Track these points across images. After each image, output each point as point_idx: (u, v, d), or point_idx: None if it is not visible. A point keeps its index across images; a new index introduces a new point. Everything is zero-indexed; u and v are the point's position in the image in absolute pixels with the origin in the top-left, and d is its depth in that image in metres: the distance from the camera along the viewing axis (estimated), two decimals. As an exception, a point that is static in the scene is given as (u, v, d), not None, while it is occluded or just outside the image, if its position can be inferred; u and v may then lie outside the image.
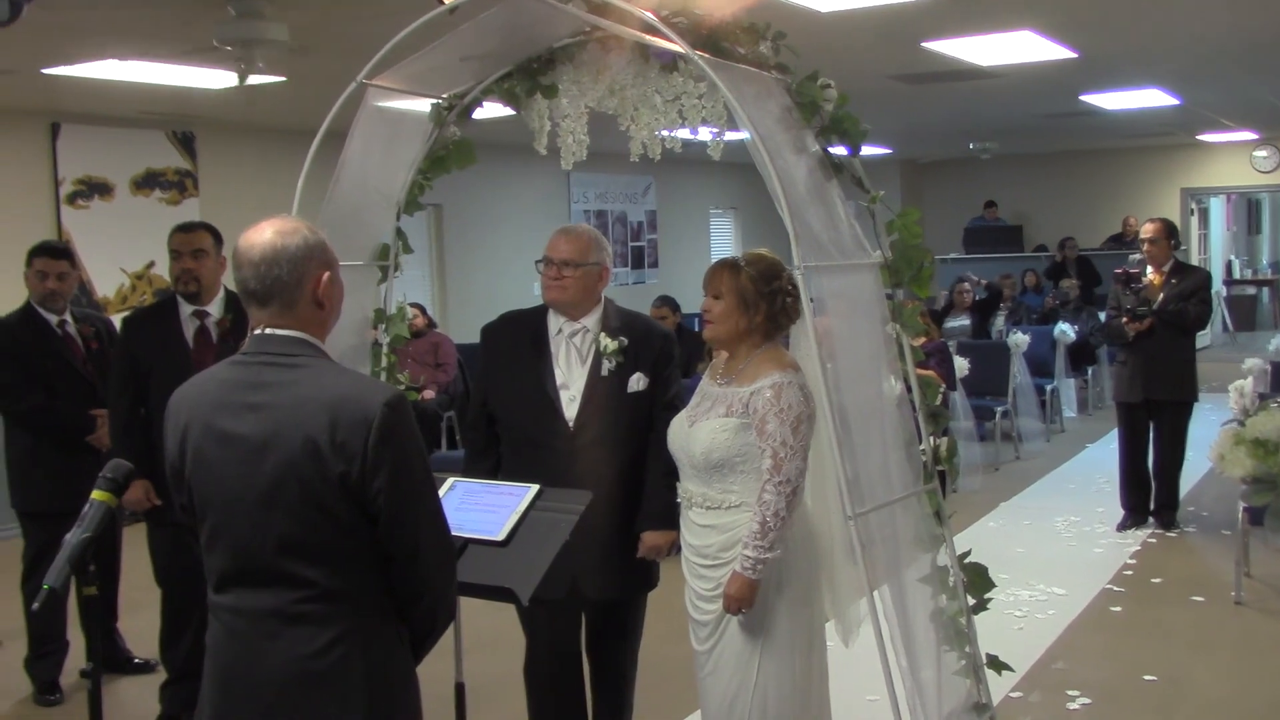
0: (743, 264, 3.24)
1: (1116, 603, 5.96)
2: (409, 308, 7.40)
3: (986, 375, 9.36)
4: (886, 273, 3.16)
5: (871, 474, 3.00)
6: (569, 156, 3.48)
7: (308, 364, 2.27)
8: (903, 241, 3.14)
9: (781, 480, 3.05)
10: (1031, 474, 9.03)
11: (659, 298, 8.93)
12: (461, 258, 12.29)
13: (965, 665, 3.26)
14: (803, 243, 2.82)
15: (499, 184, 12.38)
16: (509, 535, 2.81)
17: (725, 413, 3.16)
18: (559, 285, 3.60)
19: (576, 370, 3.63)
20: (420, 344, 9.34)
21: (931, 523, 3.22)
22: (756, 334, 3.23)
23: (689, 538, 3.26)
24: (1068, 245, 14.97)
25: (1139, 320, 6.98)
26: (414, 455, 2.24)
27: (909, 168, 17.31)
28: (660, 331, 3.77)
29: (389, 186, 3.72)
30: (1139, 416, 7.20)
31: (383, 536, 2.22)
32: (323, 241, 2.33)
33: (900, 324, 3.20)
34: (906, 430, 3.18)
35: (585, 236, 3.65)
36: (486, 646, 4.92)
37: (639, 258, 14.77)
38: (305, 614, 2.22)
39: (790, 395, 3.09)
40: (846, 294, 3.09)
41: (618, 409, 3.59)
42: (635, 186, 14.55)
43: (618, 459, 3.59)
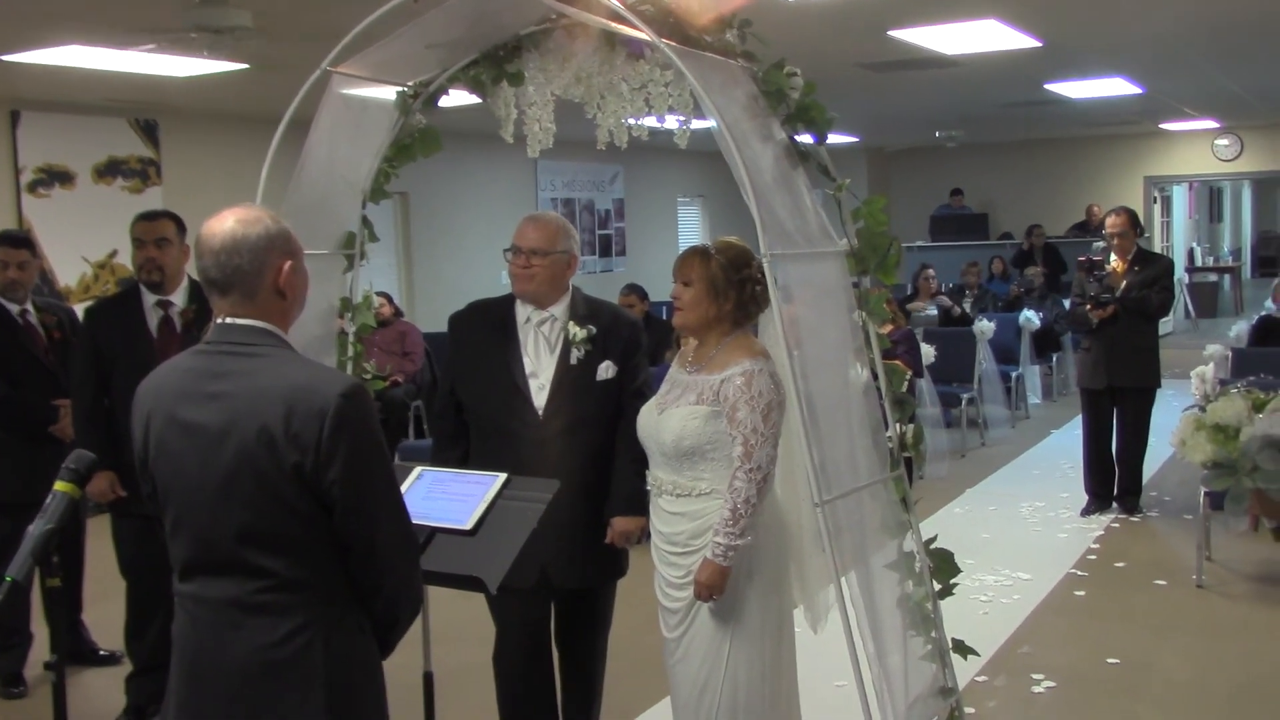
0: (713, 251, 3.25)
1: (1080, 587, 6.02)
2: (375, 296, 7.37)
3: (952, 363, 9.41)
4: (852, 260, 3.17)
5: (838, 461, 3.01)
6: (535, 144, 3.46)
7: (268, 354, 2.26)
8: (868, 229, 3.15)
9: (752, 467, 3.06)
10: (997, 460, 9.10)
11: (627, 286, 8.93)
12: (428, 246, 12.24)
13: (931, 650, 3.28)
14: (769, 230, 2.83)
15: (466, 172, 12.33)
16: (477, 524, 2.80)
17: (695, 400, 3.16)
18: (527, 274, 3.59)
19: (545, 359, 3.62)
20: (387, 333, 9.30)
21: (898, 509, 3.24)
22: (726, 321, 3.24)
23: (659, 525, 3.27)
24: (1035, 232, 15.07)
25: (1102, 307, 7.04)
26: (370, 446, 2.23)
27: (876, 156, 17.37)
28: (628, 319, 3.77)
29: (354, 174, 3.70)
30: (1102, 403, 7.27)
31: (339, 527, 2.22)
32: (285, 231, 2.32)
33: (866, 311, 3.20)
34: (873, 417, 3.19)
35: (553, 224, 3.64)
36: (455, 636, 4.92)
37: (606, 246, 14.76)
38: (266, 604, 2.22)
39: (761, 382, 3.10)
40: (813, 282, 3.09)
41: (586, 397, 3.59)
42: (603, 175, 14.54)
43: (587, 447, 3.59)
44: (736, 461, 3.08)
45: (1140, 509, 7.36)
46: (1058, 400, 11.70)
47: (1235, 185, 22.96)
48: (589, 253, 14.21)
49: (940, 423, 9.00)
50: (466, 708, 4.49)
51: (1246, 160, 16.18)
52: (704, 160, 15.27)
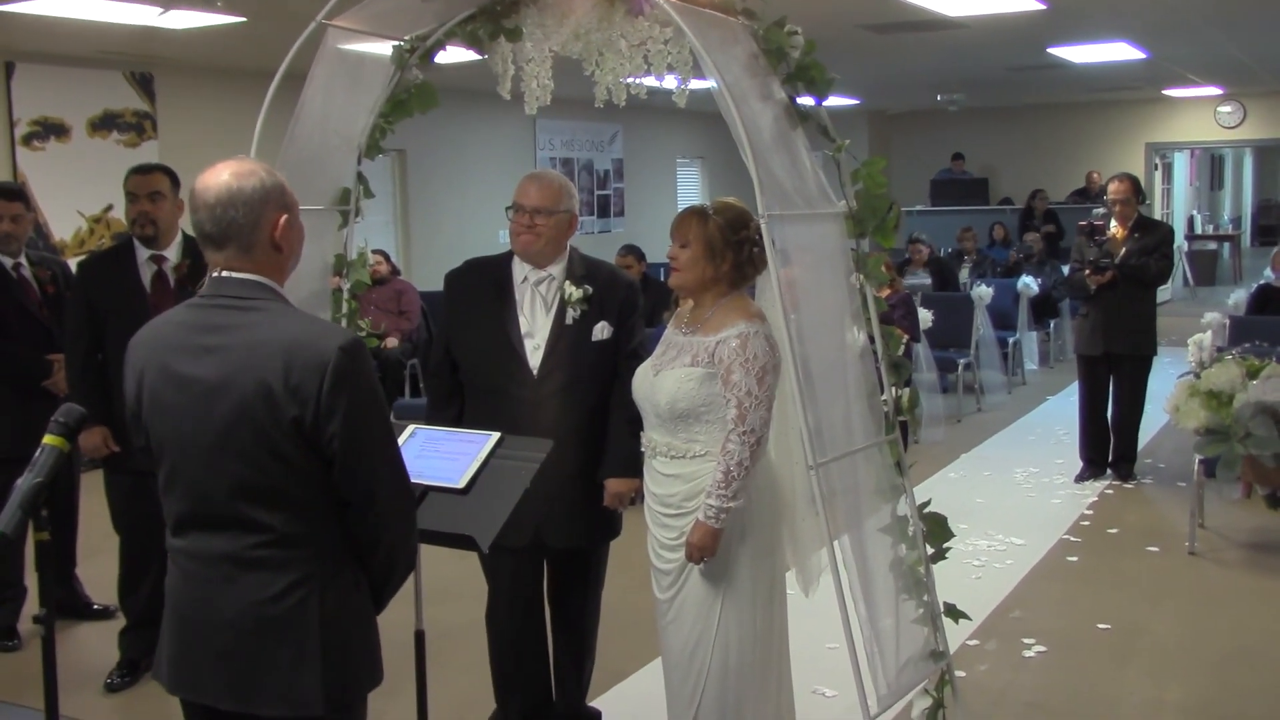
0: (711, 212, 3.22)
1: (1073, 553, 6.04)
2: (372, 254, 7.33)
3: (950, 328, 9.41)
4: (851, 222, 3.16)
5: (834, 424, 3.01)
6: (533, 101, 3.44)
7: (264, 307, 2.25)
8: (867, 191, 3.13)
9: (746, 430, 3.06)
10: (992, 425, 9.11)
11: (624, 246, 8.90)
12: (426, 204, 12.20)
13: (923, 614, 3.30)
14: (767, 191, 2.81)
15: (464, 130, 12.27)
16: (469, 483, 2.80)
17: (690, 362, 3.15)
18: (531, 233, 3.56)
19: (541, 318, 3.61)
20: (384, 291, 9.28)
21: (892, 473, 3.24)
22: (723, 283, 3.22)
23: (653, 487, 3.27)
24: (1039, 196, 15.03)
25: (1101, 272, 7.02)
26: (369, 401, 2.22)
27: (877, 119, 17.29)
28: (625, 280, 3.76)
29: (349, 130, 3.67)
30: (1099, 370, 7.27)
31: (338, 482, 2.21)
32: (280, 184, 2.30)
33: (864, 275, 3.19)
34: (869, 381, 3.19)
35: (556, 183, 3.61)
36: (448, 595, 4.93)
37: (605, 206, 14.71)
38: (261, 559, 2.22)
39: (756, 345, 3.09)
40: (811, 244, 3.08)
41: (582, 357, 3.58)
42: (602, 134, 14.46)
43: (582, 407, 3.58)
44: (730, 424, 3.07)
45: (1134, 476, 7.38)
46: (1055, 367, 11.70)
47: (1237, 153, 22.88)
48: (587, 213, 14.17)
49: (937, 388, 9.01)
50: (459, 666, 4.51)
51: (1249, 128, 16.12)
52: (704, 121, 15.19)
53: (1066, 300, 11.09)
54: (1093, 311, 7.17)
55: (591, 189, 14.41)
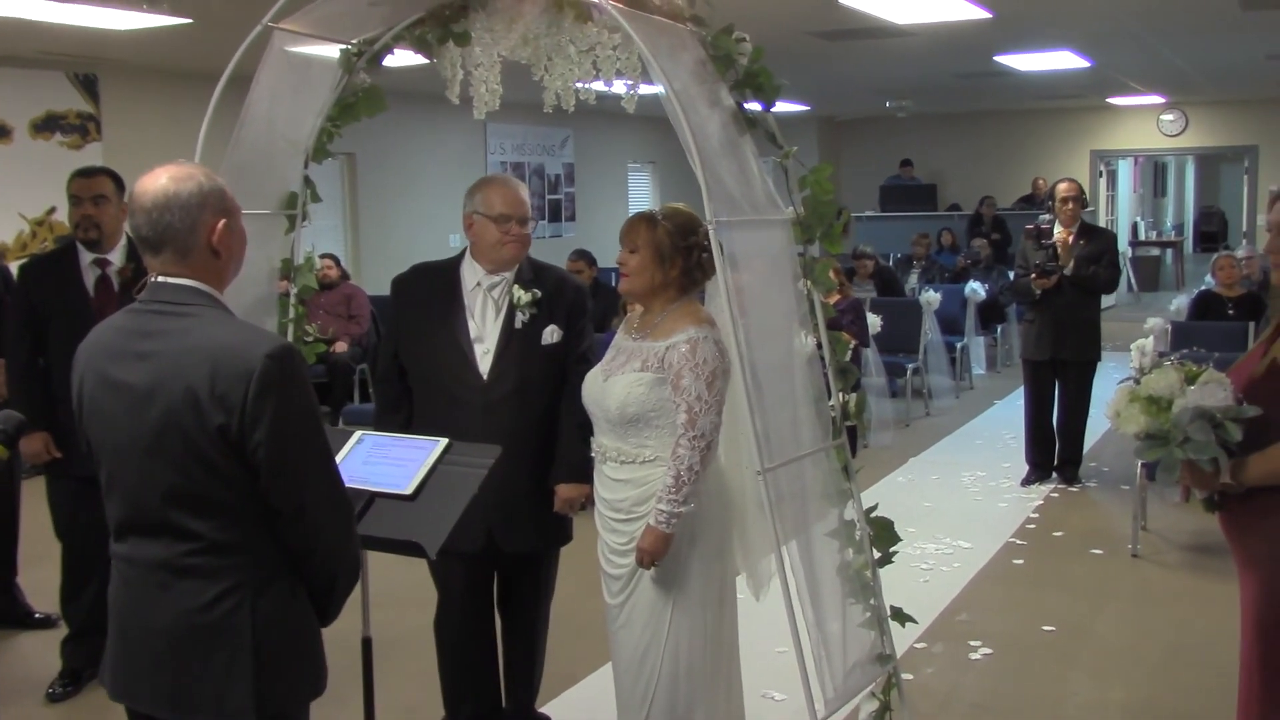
0: (660, 218, 3.23)
1: (1019, 555, 6.10)
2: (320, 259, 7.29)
3: (899, 333, 9.47)
4: (798, 228, 3.17)
5: (782, 429, 3.02)
6: (481, 106, 3.43)
7: (198, 313, 2.24)
8: (814, 197, 3.14)
9: (696, 435, 3.06)
10: (941, 430, 9.19)
11: (575, 251, 8.91)
12: (375, 208, 12.12)
13: (870, 617, 3.31)
14: (715, 197, 2.82)
15: (414, 134, 12.21)
16: (417, 489, 2.78)
17: (640, 367, 3.16)
18: (521, 243, 3.59)
19: (490, 323, 3.60)
20: (333, 296, 9.22)
21: (839, 477, 3.25)
22: (672, 288, 3.22)
23: (603, 492, 3.27)
24: (987, 203, 15.18)
25: (1046, 276, 7.08)
26: (298, 409, 2.21)
27: (827, 125, 17.40)
28: (573, 283, 3.76)
29: (296, 133, 3.64)
30: (1045, 374, 7.34)
31: (265, 491, 2.20)
32: (219, 188, 2.29)
33: (811, 280, 3.21)
34: (816, 386, 3.20)
35: (525, 189, 3.67)
36: (397, 601, 4.90)
37: (556, 211, 14.69)
38: (193, 566, 2.20)
39: (706, 350, 3.10)
40: (759, 249, 3.09)
41: (532, 362, 3.58)
42: (553, 139, 14.45)
43: (532, 412, 3.58)
44: (680, 429, 3.08)
45: (1079, 479, 7.47)
46: (1001, 371, 11.82)
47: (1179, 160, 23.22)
48: (539, 217, 14.15)
49: (885, 392, 9.07)
50: (407, 674, 4.49)
51: (1191, 136, 16.38)
52: (655, 126, 15.21)
53: (1013, 305, 11.20)
54: (1039, 317, 7.25)
55: (543, 193, 14.39)
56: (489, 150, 13.44)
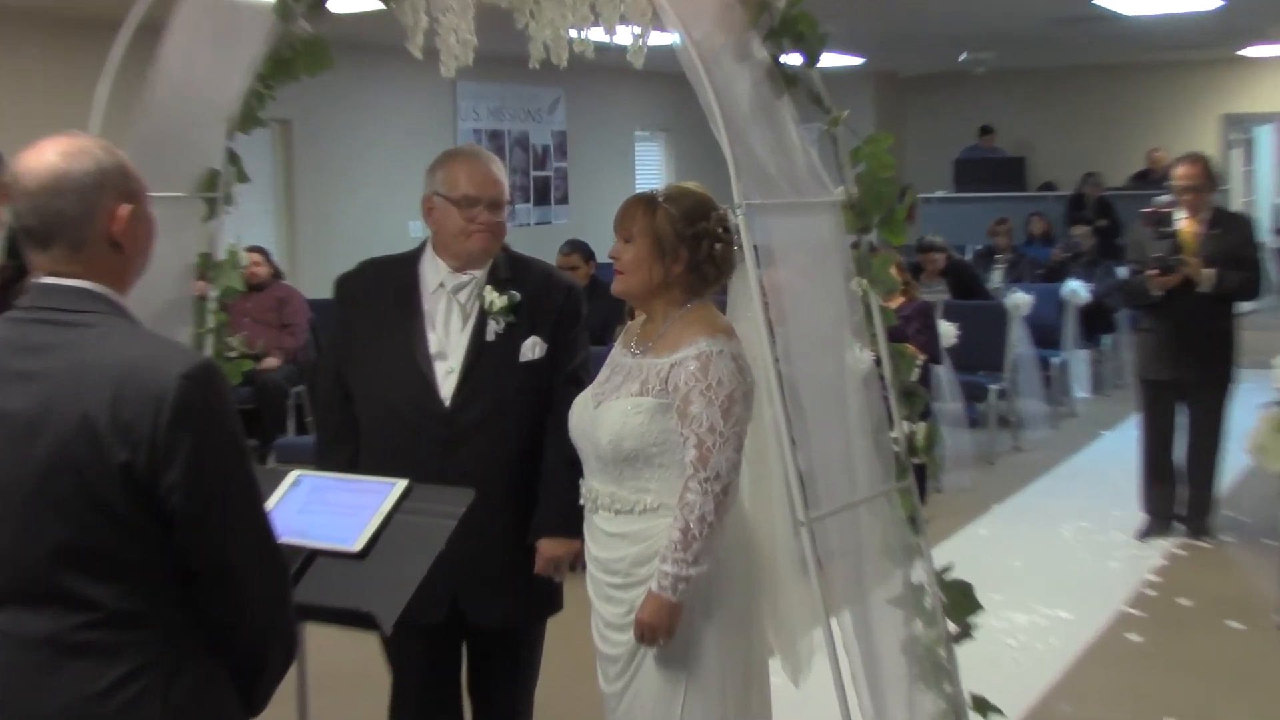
0: (661, 200, 3.23)
1: (1135, 629, 6.08)
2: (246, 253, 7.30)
3: (979, 345, 9.45)
4: (851, 214, 3.18)
5: (829, 468, 3.03)
6: (451, 61, 3.44)
7: (95, 323, 2.24)
8: (871, 174, 3.16)
9: (708, 476, 3.05)
10: (1033, 468, 9.17)
11: (568, 242, 8.91)
12: (316, 190, 12.16)
13: (945, 708, 3.31)
14: (745, 174, 2.83)
15: (365, 96, 12.25)
16: (368, 545, 2.79)
17: (639, 390, 3.15)
18: (492, 233, 3.59)
19: (456, 334, 3.61)
20: (262, 299, 9.24)
21: (904, 530, 3.26)
22: (676, 289, 3.22)
23: (595, 550, 3.27)
24: (1090, 181, 15.16)
25: (1168, 272, 6.99)
26: (221, 442, 2.21)
27: (886, 83, 17.43)
28: (562, 283, 3.77)
29: (219, 96, 3.67)
30: (1166, 398, 7.31)
31: (180, 546, 2.20)
32: (122, 165, 2.29)
33: (868, 279, 3.22)
34: (875, 414, 3.20)
35: (499, 164, 3.66)
36: (341, 685, 4.90)
37: (544, 191, 14.73)
38: (88, 643, 2.19)
39: (720, 368, 3.09)
40: (800, 240, 3.10)
41: (507, 383, 3.58)
42: (540, 101, 14.49)
43: (507, 447, 3.58)
44: (689, 468, 3.07)
45: (1211, 532, 7.43)
46: (1110, 394, 11.80)
47: (1336, 126, 23.21)
48: (521, 199, 14.20)
49: (962, 421, 9.05)
50: (356, 778, 4.49)
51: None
52: (668, 85, 15.26)
53: (1125, 311, 11.19)
54: (1158, 325, 7.21)
55: (527, 169, 14.43)
56: (459, 116, 13.49)
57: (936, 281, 10.60)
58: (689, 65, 2.83)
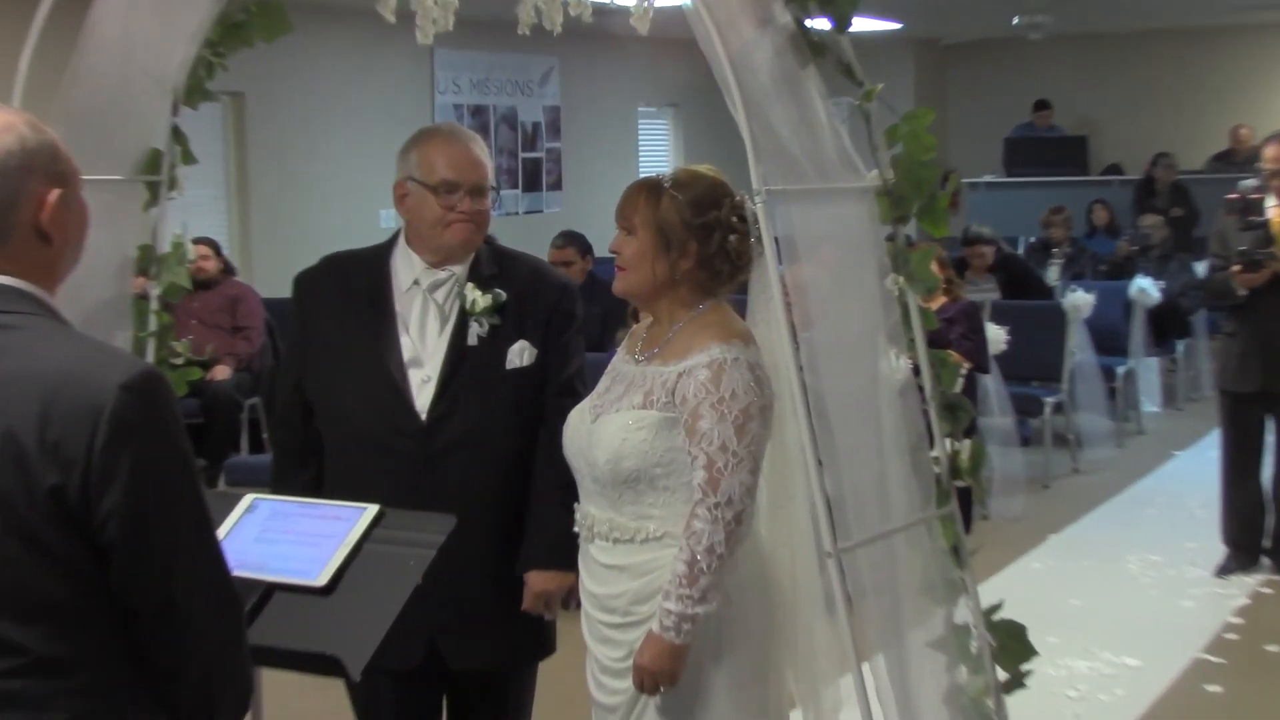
0: (667, 186, 3.24)
1: (1214, 679, 6.07)
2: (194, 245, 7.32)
3: (1033, 351, 9.44)
4: (886, 201, 3.19)
5: (860, 492, 3.03)
6: (428, 26, 3.45)
7: (20, 325, 2.23)
8: (909, 156, 3.16)
9: (719, 501, 3.05)
10: (1095, 493, 9.16)
11: (562, 234, 8.92)
12: (273, 173, 12.15)
13: (992, 767, 3.32)
14: (765, 157, 2.84)
15: (329, 65, 12.26)
16: (333, 579, 2.79)
17: (642, 402, 3.16)
18: (474, 222, 3.60)
19: (433, 338, 3.62)
20: (211, 299, 9.26)
21: (947, 563, 3.26)
22: (684, 287, 3.22)
23: (590, 585, 3.27)
24: (1162, 163, 15.14)
25: (1255, 268, 6.97)
26: (167, 463, 2.21)
27: (927, 51, 17.44)
28: (554, 280, 3.79)
29: (161, 65, 3.67)
30: (1252, 414, 7.29)
31: (119, 581, 2.20)
32: (51, 145, 2.30)
33: (905, 276, 3.22)
34: (913, 430, 3.21)
35: (482, 145, 3.67)
36: (303, 742, 4.91)
37: (534, 175, 14.74)
38: (13, 694, 2.19)
39: (735, 378, 3.09)
40: (828, 232, 3.11)
41: (492, 394, 3.60)
42: (529, 72, 14.51)
43: (492, 467, 3.60)
44: (698, 492, 3.07)
45: (1302, 567, 7.43)
46: (1184, 409, 11.78)
47: None
48: (509, 184, 14.18)
49: (1013, 438, 9.05)
50: (318, 847, 4.49)
51: None
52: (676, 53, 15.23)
53: (1202, 313, 11.19)
54: (1242, 329, 7.18)
55: (515, 150, 14.44)
56: (437, 89, 13.50)
57: (984, 279, 10.60)
58: (701, 31, 2.84)
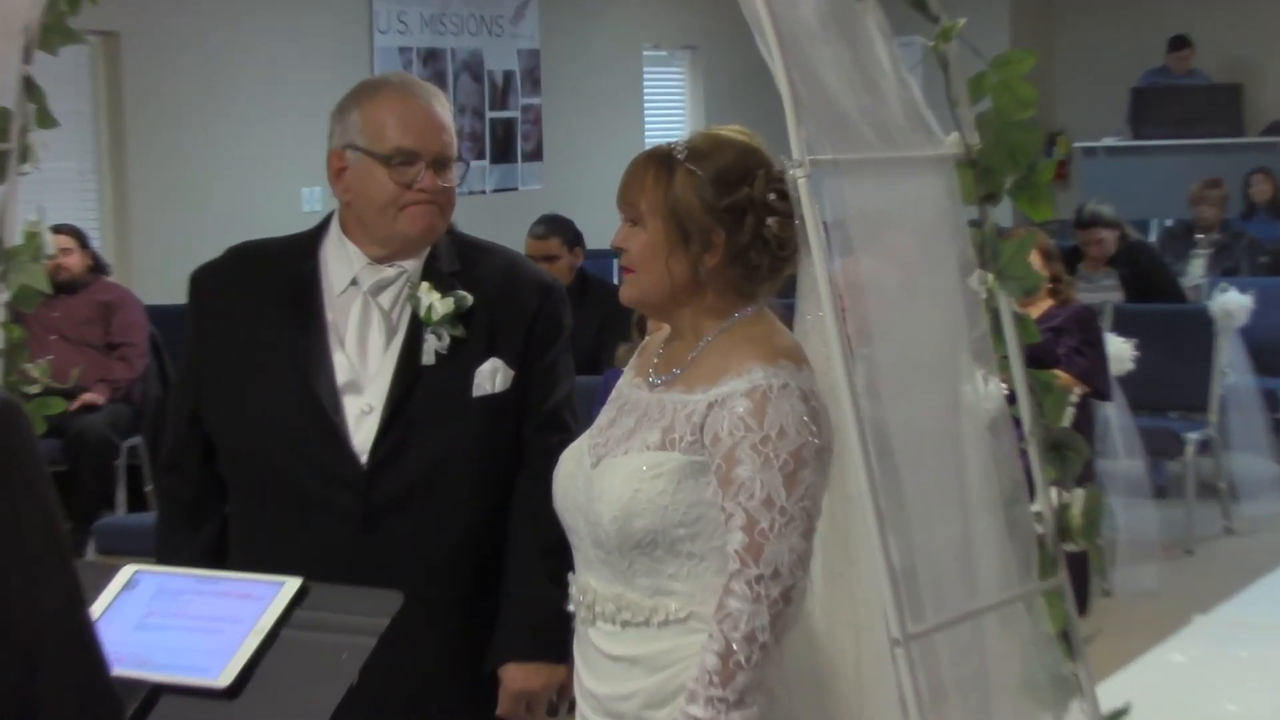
0: (683, 156, 3.24)
1: None
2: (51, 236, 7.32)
3: (1169, 372, 9.45)
4: (971, 174, 3.20)
5: (938, 560, 3.05)
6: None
7: None
8: (1001, 114, 3.18)
9: (762, 574, 3.05)
10: (1255, 560, 9.12)
11: (543, 220, 8.94)
12: (159, 140, 12.12)
13: None
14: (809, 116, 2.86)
15: None
16: (239, 678, 2.81)
17: (660, 441, 3.16)
18: (437, 205, 3.63)
19: (376, 356, 3.64)
20: (77, 306, 9.27)
21: (1053, 653, 3.28)
22: (712, 291, 3.21)
23: (591, 682, 3.27)
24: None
25: None
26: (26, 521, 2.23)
27: (1027, -25, 17.50)
28: (536, 281, 3.81)
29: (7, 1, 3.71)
30: None
31: None
32: None
33: (996, 272, 3.23)
34: (1007, 477, 3.22)
35: (444, 102, 3.69)
36: None
37: (506, 141, 14.75)
38: None
39: (783, 410, 3.08)
40: (894, 215, 3.12)
41: (454, 430, 3.62)
42: (499, 5, 14.54)
43: (454, 527, 3.62)
44: (733, 562, 3.07)
45: None
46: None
47: None
48: (473, 153, 14.14)
49: (1145, 487, 9.05)
50: None
51: None
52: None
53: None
54: None
55: (482, 108, 14.45)
56: (377, 26, 13.51)
57: (1103, 274, 10.61)
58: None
